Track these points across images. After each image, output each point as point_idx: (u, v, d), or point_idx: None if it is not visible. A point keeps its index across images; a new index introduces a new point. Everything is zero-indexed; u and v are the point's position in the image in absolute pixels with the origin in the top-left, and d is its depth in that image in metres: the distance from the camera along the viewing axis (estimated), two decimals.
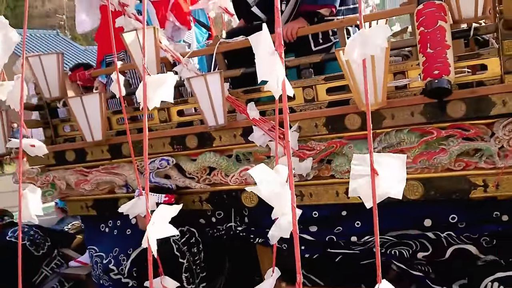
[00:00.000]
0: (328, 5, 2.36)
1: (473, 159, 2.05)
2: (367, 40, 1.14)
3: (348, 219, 2.36)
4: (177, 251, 2.41)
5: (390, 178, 1.02)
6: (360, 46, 1.12)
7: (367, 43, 1.14)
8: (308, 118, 2.25)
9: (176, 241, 2.42)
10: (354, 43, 1.13)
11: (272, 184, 1.03)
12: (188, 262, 2.42)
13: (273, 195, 1.02)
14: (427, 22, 1.92)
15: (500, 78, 1.96)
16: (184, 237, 2.47)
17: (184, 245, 2.45)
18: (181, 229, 2.46)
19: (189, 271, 2.42)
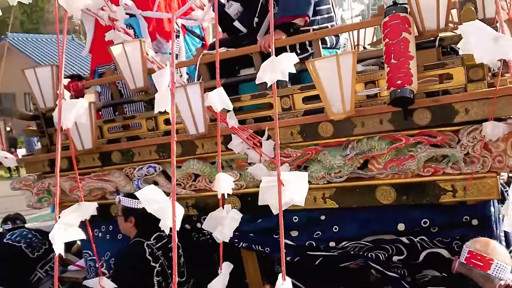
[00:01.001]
0: (301, 15, 2.48)
1: (440, 165, 2.14)
2: (275, 66, 1.27)
3: (326, 224, 2.46)
4: (149, 255, 2.52)
5: (294, 189, 1.15)
6: (270, 72, 1.25)
7: (275, 69, 1.27)
8: (284, 126, 2.37)
9: (151, 245, 2.55)
10: (265, 68, 1.26)
11: (158, 201, 1.15)
12: (162, 266, 2.54)
13: (159, 210, 1.14)
14: (391, 34, 2.04)
15: (464, 87, 2.06)
16: (161, 242, 2.60)
17: (159, 249, 2.57)
18: (159, 234, 2.59)
19: (161, 275, 2.53)
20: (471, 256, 1.92)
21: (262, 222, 2.59)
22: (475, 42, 1.42)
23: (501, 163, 2.03)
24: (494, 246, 1.93)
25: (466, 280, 1.90)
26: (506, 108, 1.95)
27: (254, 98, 2.52)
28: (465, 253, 1.94)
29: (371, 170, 2.28)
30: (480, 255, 1.89)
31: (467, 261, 1.91)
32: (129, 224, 2.66)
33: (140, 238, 2.62)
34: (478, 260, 1.89)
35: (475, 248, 1.93)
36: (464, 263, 1.93)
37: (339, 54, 2.08)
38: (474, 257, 1.90)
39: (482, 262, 1.88)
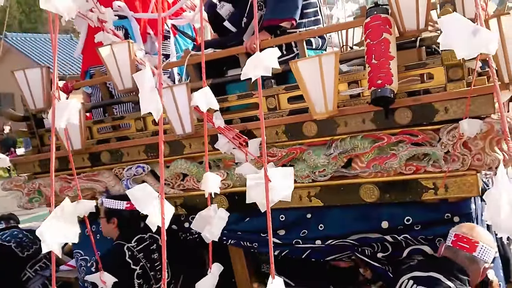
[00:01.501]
0: (288, 19, 2.54)
1: (422, 163, 2.20)
2: (259, 62, 1.32)
3: (312, 222, 2.51)
4: (129, 258, 2.55)
5: (280, 186, 1.20)
6: (254, 68, 1.30)
7: (259, 65, 1.32)
8: (269, 126, 2.42)
9: (131, 248, 2.59)
10: (249, 65, 1.31)
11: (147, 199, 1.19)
12: (143, 269, 2.58)
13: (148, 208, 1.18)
14: (372, 35, 2.09)
15: (444, 87, 2.11)
16: (142, 244, 2.64)
17: (140, 251, 2.60)
18: (141, 236, 2.63)
19: (142, 277, 2.56)
20: (457, 239, 1.99)
21: (250, 221, 2.64)
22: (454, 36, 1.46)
23: (480, 161, 2.08)
24: (479, 230, 2.02)
25: (452, 263, 1.96)
26: (483, 107, 2.00)
27: (240, 98, 2.57)
28: (451, 237, 2.02)
29: (355, 169, 2.33)
30: (466, 237, 1.97)
31: (453, 244, 1.99)
32: (112, 226, 2.71)
33: (121, 240, 2.67)
34: (464, 242, 1.97)
35: (461, 231, 2.01)
36: (450, 246, 2.00)
37: (321, 55, 2.13)
38: (460, 239, 1.98)
39: (468, 244, 1.96)
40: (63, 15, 1.36)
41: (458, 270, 1.91)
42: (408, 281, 1.92)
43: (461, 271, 1.91)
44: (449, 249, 2.00)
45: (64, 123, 1.55)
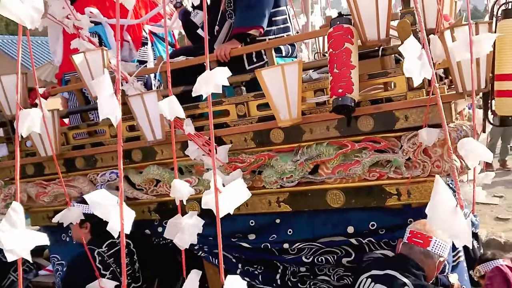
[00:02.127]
0: (256, 27, 2.61)
1: (384, 170, 2.27)
2: (209, 79, 1.39)
3: (281, 227, 2.58)
4: (99, 263, 2.59)
5: (232, 197, 1.28)
6: (205, 85, 1.37)
7: (209, 82, 1.39)
8: (238, 133, 2.49)
9: (102, 253, 2.63)
10: (201, 82, 1.38)
11: (106, 205, 1.26)
12: (113, 274, 2.62)
13: (108, 214, 1.24)
14: (335, 44, 2.16)
15: (405, 95, 2.18)
16: (113, 249, 2.69)
17: (110, 256, 2.65)
18: (112, 241, 2.68)
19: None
20: (412, 235, 2.07)
21: (221, 226, 2.69)
22: (411, 61, 1.55)
23: (439, 168, 2.15)
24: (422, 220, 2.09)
25: (407, 259, 2.03)
26: (440, 115, 2.07)
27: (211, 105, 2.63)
28: (407, 233, 2.10)
29: (321, 175, 2.40)
30: (420, 233, 2.06)
31: (409, 240, 2.07)
32: (85, 231, 2.73)
33: (92, 245, 2.70)
34: (419, 238, 2.05)
35: (415, 227, 2.09)
36: (406, 242, 2.08)
37: (284, 64, 2.20)
38: (415, 235, 2.06)
39: (422, 239, 2.05)
40: (25, 24, 1.41)
41: (413, 266, 1.99)
42: (366, 280, 1.99)
43: (416, 267, 1.99)
44: (405, 245, 2.08)
45: (25, 131, 1.61)
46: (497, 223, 6.34)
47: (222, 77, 1.52)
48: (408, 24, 2.04)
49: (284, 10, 2.79)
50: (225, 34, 2.78)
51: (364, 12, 2.12)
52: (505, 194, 7.33)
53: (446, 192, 1.35)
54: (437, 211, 1.36)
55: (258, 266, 2.68)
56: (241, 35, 2.63)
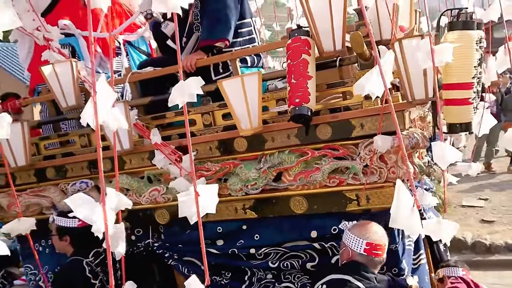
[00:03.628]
0: (222, 39, 2.73)
1: (343, 176, 2.38)
2: (183, 89, 1.50)
3: (248, 233, 2.68)
4: (89, 273, 2.67)
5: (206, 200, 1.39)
6: (180, 95, 1.48)
7: (184, 92, 1.49)
8: (203, 142, 2.59)
9: (89, 262, 2.70)
10: (175, 92, 1.48)
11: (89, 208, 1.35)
12: (101, 282, 2.70)
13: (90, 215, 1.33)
14: (292, 56, 2.27)
15: (361, 104, 2.31)
16: (99, 258, 2.78)
17: (98, 265, 2.72)
18: (96, 250, 2.77)
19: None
20: (370, 247, 2.14)
21: (190, 233, 2.81)
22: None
23: (394, 174, 2.27)
24: (369, 227, 2.20)
25: (358, 264, 2.13)
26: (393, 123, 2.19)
27: (177, 115, 2.74)
28: (362, 245, 2.14)
29: (284, 182, 2.50)
30: (379, 245, 2.15)
31: (368, 252, 2.14)
32: (65, 243, 2.80)
33: (77, 256, 2.78)
34: (378, 249, 2.14)
35: (372, 239, 2.16)
36: (364, 254, 2.14)
37: (244, 75, 2.31)
38: (374, 248, 2.14)
39: (381, 250, 2.15)
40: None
41: (365, 270, 2.10)
42: (321, 286, 2.10)
43: (366, 269, 2.10)
44: (362, 256, 2.15)
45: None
46: (482, 225, 6.50)
47: (196, 86, 1.60)
48: (360, 36, 2.17)
49: (249, 22, 2.92)
50: (192, 45, 2.90)
51: (319, 24, 2.24)
52: (491, 196, 7.51)
53: (406, 195, 1.48)
54: (399, 212, 1.49)
55: (226, 272, 2.77)
56: (208, 47, 2.75)
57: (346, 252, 2.19)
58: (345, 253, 2.20)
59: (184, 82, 1.52)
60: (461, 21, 2.03)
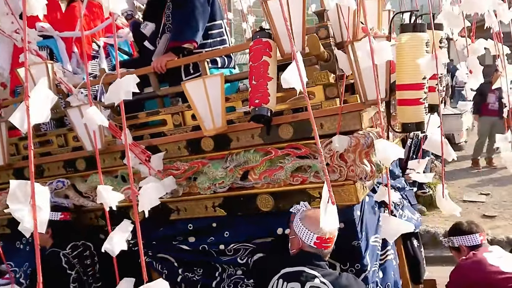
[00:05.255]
0: (190, 41, 2.86)
1: (306, 175, 2.50)
2: (118, 87, 1.62)
3: (218, 230, 2.81)
4: (65, 264, 2.85)
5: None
6: (114, 93, 1.60)
7: (120, 91, 1.62)
8: (172, 141, 2.73)
9: (66, 254, 2.88)
10: (112, 91, 1.61)
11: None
12: (77, 273, 2.88)
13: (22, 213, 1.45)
14: (254, 57, 2.39)
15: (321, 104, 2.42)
16: (76, 251, 2.93)
17: (74, 258, 2.89)
18: (74, 244, 2.93)
19: (78, 281, 2.86)
20: (321, 241, 2.26)
21: (163, 230, 2.95)
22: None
23: (353, 172, 2.38)
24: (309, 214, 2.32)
25: (308, 253, 2.26)
26: (350, 123, 2.31)
27: (149, 115, 2.88)
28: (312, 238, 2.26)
29: (250, 180, 2.63)
30: (330, 238, 2.29)
31: (318, 245, 2.27)
32: (46, 236, 2.97)
33: (55, 248, 2.96)
34: (328, 242, 2.28)
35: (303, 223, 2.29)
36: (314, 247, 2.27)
37: (206, 77, 2.43)
38: (325, 241, 2.27)
39: (330, 242, 2.30)
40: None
41: (316, 258, 2.23)
42: (278, 281, 2.22)
43: (317, 257, 2.24)
44: (312, 248, 2.28)
45: None
46: (484, 220, 6.58)
47: (131, 84, 1.72)
48: (316, 38, 2.28)
49: (220, 24, 3.05)
50: (163, 46, 3.02)
51: (279, 27, 2.35)
52: (492, 192, 7.59)
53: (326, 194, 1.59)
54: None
55: (198, 269, 2.91)
56: (176, 49, 2.88)
57: (296, 241, 2.31)
58: (295, 241, 2.32)
59: (120, 80, 1.64)
60: (412, 24, 2.13)
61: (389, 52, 1.83)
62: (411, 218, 3.34)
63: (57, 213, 2.98)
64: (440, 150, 1.97)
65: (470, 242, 2.96)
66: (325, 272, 2.19)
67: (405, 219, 3.23)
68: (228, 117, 2.58)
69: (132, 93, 3.03)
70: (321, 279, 2.15)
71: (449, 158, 2.04)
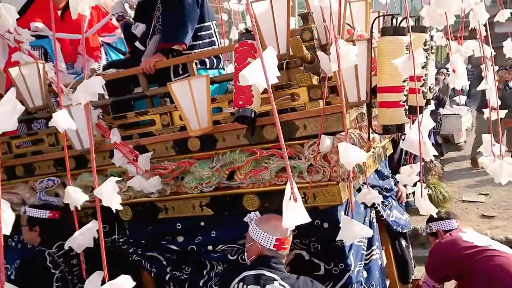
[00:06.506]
0: (179, 43, 2.92)
1: None
2: (86, 88, 1.68)
3: (205, 229, 2.88)
4: (50, 263, 2.92)
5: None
6: (82, 93, 1.67)
7: (87, 91, 1.68)
8: (160, 141, 2.79)
9: (51, 253, 2.95)
10: (79, 91, 1.67)
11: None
12: (62, 273, 2.94)
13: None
14: (239, 59, 2.45)
15: (305, 105, 2.48)
16: (62, 250, 3.00)
17: (60, 257, 2.96)
18: (61, 243, 2.99)
19: (61, 281, 2.93)
20: (280, 243, 2.36)
21: (152, 229, 3.01)
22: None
23: (336, 173, 2.44)
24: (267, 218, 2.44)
25: (267, 257, 2.33)
26: (334, 124, 2.37)
27: (138, 115, 2.94)
28: (272, 241, 2.35)
29: (236, 180, 2.69)
30: (287, 239, 2.40)
31: (277, 248, 2.36)
32: (34, 234, 3.05)
33: (42, 247, 3.03)
34: (285, 244, 2.39)
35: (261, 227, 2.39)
36: (274, 249, 2.35)
37: (191, 78, 2.50)
38: (283, 243, 2.38)
39: (287, 244, 2.41)
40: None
41: (274, 261, 2.30)
42: (238, 284, 2.27)
43: (276, 260, 2.31)
44: (272, 251, 2.36)
45: None
46: (482, 220, 6.63)
47: (98, 85, 1.78)
48: (299, 40, 2.34)
49: (209, 26, 3.11)
50: (153, 47, 3.09)
51: (264, 29, 2.41)
52: (491, 192, 7.62)
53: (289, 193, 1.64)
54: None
55: (186, 267, 2.97)
56: (166, 50, 2.94)
57: (255, 247, 2.38)
58: (254, 248, 2.39)
59: (87, 81, 1.70)
60: (392, 27, 2.18)
61: (354, 56, 1.89)
62: (399, 218, 3.40)
63: (46, 211, 3.05)
64: (418, 150, 2.02)
65: (447, 227, 3.17)
66: (284, 275, 2.26)
67: (393, 220, 3.29)
68: (215, 118, 2.64)
69: (122, 93, 3.14)
70: (280, 282, 2.21)
71: (427, 158, 2.09)
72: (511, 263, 2.75)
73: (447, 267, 2.97)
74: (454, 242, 2.99)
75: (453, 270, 2.95)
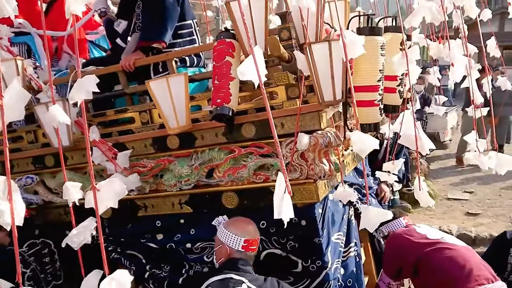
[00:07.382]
0: (158, 41, 2.94)
1: (268, 173, 2.60)
2: (80, 86, 1.70)
3: (184, 227, 2.91)
4: (20, 262, 2.92)
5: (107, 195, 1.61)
6: (76, 91, 1.68)
7: (81, 90, 1.70)
8: (139, 139, 2.81)
9: (22, 252, 2.95)
10: (74, 90, 1.69)
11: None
12: (33, 272, 2.96)
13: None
14: (217, 58, 2.47)
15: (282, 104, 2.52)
16: (33, 249, 3.01)
17: (30, 256, 2.98)
18: (32, 241, 3.01)
19: (33, 280, 2.95)
20: (248, 244, 2.43)
21: (131, 227, 3.03)
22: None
23: (313, 171, 2.48)
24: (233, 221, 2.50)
25: (236, 260, 2.37)
26: (310, 123, 2.41)
27: (117, 113, 2.96)
28: (240, 242, 2.41)
29: (215, 178, 2.72)
30: (254, 240, 2.46)
31: (245, 249, 2.42)
32: (3, 233, 3.05)
33: (12, 246, 3.02)
34: (254, 244, 2.46)
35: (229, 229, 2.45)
36: (242, 251, 2.40)
37: (169, 76, 2.52)
38: (251, 244, 2.44)
39: (255, 245, 2.47)
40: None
41: (241, 264, 2.34)
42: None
43: (244, 262, 2.35)
44: (240, 253, 2.41)
45: None
46: (467, 218, 6.72)
47: (92, 84, 1.80)
48: (276, 40, 2.37)
49: (190, 24, 3.13)
50: (133, 45, 3.10)
51: (242, 27, 2.43)
52: (476, 189, 7.74)
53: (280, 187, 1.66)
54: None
55: (165, 266, 2.99)
56: (145, 48, 2.96)
57: (224, 250, 2.42)
58: (222, 251, 2.43)
59: (81, 80, 1.72)
60: (368, 27, 2.23)
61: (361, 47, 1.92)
62: None
63: None
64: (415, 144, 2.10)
65: (396, 227, 3.21)
66: (252, 277, 2.30)
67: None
68: (193, 116, 2.66)
69: (101, 91, 3.15)
70: (248, 284, 2.24)
71: (423, 152, 2.16)
72: (460, 255, 2.80)
73: (400, 257, 2.98)
74: (407, 233, 3.06)
75: (406, 260, 2.94)
